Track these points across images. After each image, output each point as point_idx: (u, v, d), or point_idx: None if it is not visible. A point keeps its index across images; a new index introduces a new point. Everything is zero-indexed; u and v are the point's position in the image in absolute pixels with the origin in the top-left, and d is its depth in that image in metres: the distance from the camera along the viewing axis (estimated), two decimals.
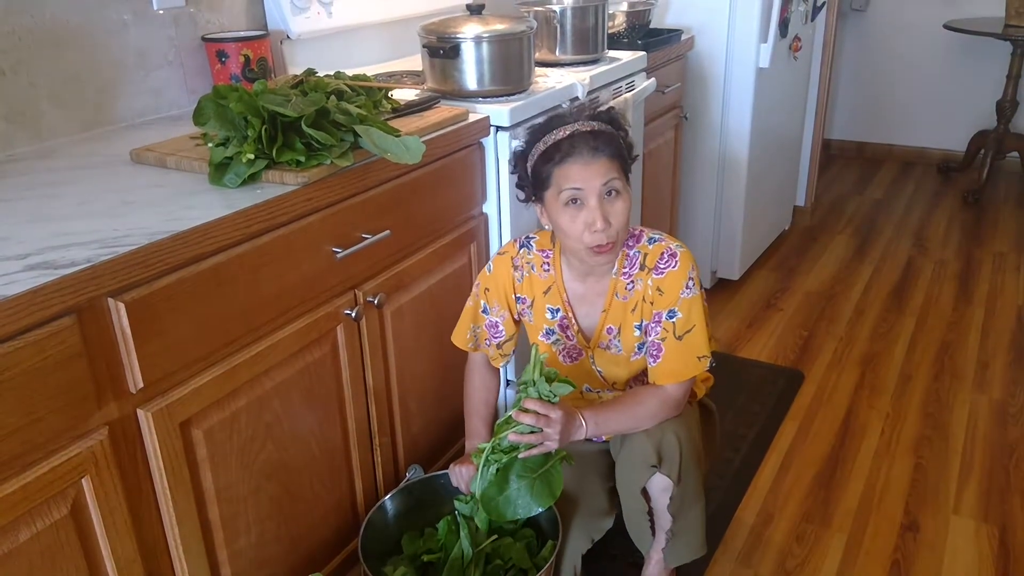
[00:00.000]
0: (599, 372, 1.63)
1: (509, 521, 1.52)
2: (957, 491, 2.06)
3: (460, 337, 1.70)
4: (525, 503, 1.45)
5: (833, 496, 2.06)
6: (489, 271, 1.65)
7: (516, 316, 1.66)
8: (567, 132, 1.45)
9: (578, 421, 1.46)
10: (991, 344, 2.75)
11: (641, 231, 1.57)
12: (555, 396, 1.43)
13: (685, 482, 1.53)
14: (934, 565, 1.84)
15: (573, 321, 1.60)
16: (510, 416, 1.44)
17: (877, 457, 2.20)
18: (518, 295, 1.63)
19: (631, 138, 1.54)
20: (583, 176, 1.42)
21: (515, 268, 1.63)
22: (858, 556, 1.87)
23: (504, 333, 1.66)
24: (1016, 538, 1.91)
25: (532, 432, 1.42)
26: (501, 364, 1.72)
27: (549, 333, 1.63)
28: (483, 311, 1.66)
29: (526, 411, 1.41)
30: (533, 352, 1.46)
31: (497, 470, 1.46)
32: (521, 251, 1.63)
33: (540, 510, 1.46)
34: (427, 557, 1.60)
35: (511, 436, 1.42)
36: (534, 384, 1.43)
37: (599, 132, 1.45)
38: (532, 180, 1.51)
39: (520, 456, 1.45)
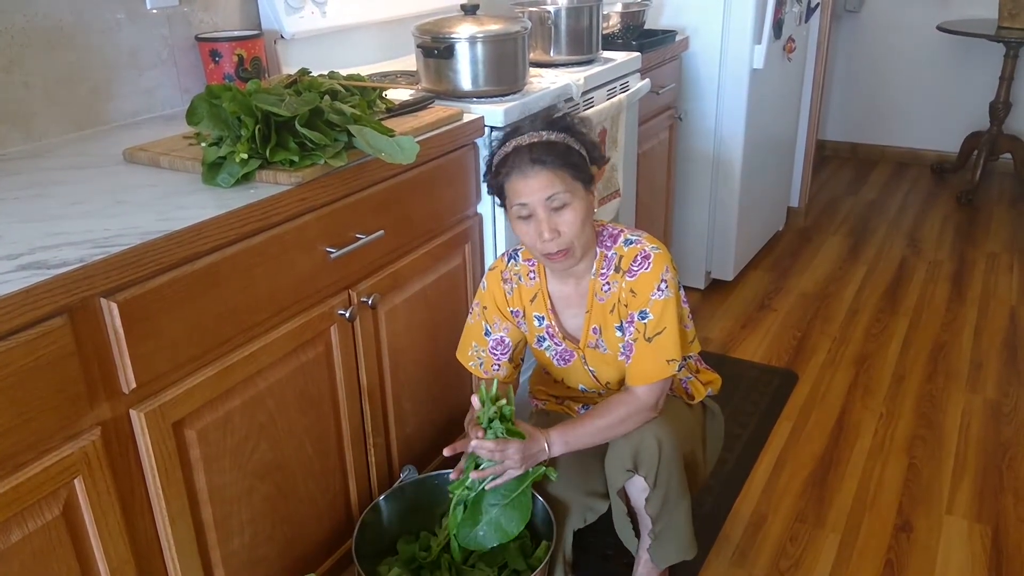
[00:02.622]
0: (592, 372, 1.63)
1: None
2: (950, 491, 2.07)
3: (464, 354, 1.70)
4: (497, 532, 1.50)
5: (827, 496, 2.07)
6: (484, 288, 1.66)
7: (517, 324, 1.66)
8: (511, 146, 1.46)
9: (540, 444, 1.48)
10: (984, 344, 2.76)
11: (620, 232, 1.56)
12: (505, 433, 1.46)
13: (665, 485, 1.52)
14: (927, 565, 1.84)
15: (557, 328, 1.61)
16: (472, 453, 1.47)
17: (871, 457, 2.20)
18: (512, 308, 1.64)
19: (595, 138, 1.51)
20: (526, 190, 1.44)
21: (504, 282, 1.63)
22: (851, 556, 1.88)
23: (511, 344, 1.66)
24: (1009, 538, 1.91)
25: (492, 465, 1.46)
26: (515, 375, 1.71)
27: (540, 340, 1.64)
28: (486, 333, 1.66)
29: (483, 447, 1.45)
30: (482, 389, 1.49)
31: (466, 507, 1.50)
32: (509, 264, 1.64)
33: (512, 536, 1.51)
34: (421, 554, 1.61)
35: (472, 474, 1.48)
36: (489, 424, 1.45)
37: (538, 143, 1.44)
38: (496, 194, 1.53)
39: (488, 487, 1.49)
